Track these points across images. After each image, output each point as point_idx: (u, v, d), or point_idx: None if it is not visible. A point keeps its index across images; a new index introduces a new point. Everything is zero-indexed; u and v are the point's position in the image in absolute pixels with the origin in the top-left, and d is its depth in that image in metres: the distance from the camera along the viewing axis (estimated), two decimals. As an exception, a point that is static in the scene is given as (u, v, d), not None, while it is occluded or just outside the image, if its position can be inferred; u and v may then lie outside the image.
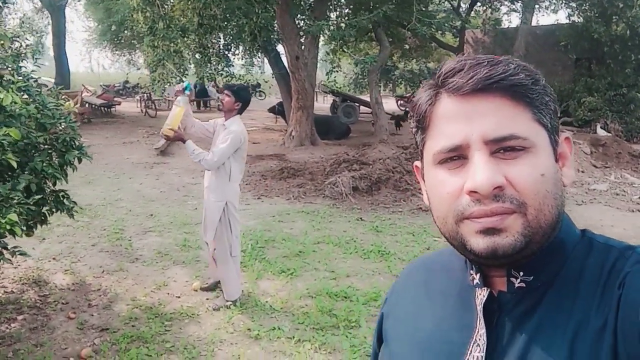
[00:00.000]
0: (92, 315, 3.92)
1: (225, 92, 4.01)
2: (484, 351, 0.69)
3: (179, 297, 4.26)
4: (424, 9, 12.90)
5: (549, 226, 0.67)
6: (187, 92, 3.89)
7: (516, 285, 0.70)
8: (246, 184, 8.36)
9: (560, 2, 16.33)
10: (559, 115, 0.73)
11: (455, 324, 0.75)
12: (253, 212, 6.85)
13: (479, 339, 0.71)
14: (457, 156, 0.68)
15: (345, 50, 13.10)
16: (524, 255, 0.67)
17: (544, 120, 0.69)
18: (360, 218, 6.65)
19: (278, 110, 15.90)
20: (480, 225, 0.65)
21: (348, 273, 4.77)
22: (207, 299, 4.23)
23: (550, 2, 16.77)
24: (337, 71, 12.82)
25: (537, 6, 15.92)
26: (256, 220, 6.45)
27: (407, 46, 21.62)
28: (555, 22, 18.98)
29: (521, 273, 0.70)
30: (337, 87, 15.33)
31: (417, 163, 0.80)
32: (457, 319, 0.75)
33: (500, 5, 17.34)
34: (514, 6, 16.90)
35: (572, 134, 10.98)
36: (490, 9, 16.80)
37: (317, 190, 8.04)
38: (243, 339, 3.61)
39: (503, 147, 0.66)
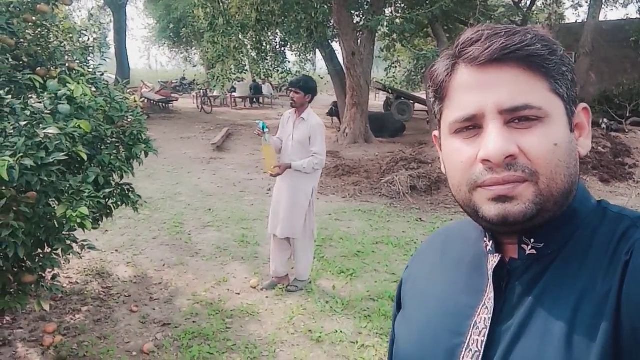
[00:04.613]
0: (154, 309, 3.92)
1: (293, 90, 4.16)
2: (491, 313, 0.70)
3: (238, 293, 4.21)
4: (483, 3, 12.49)
5: (561, 195, 0.67)
6: (265, 130, 4.08)
7: (527, 252, 0.71)
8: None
9: (632, -5, 15.47)
10: (576, 85, 0.72)
11: (466, 288, 0.76)
12: (309, 210, 6.75)
13: (488, 302, 0.72)
14: (472, 126, 0.69)
15: (404, 45, 12.80)
16: (536, 223, 0.68)
17: (560, 90, 0.68)
18: (420, 219, 6.44)
19: (334, 112, 15.11)
20: (492, 193, 0.66)
21: (410, 276, 4.59)
22: (267, 297, 4.15)
23: (619, -5, 15.93)
24: (396, 67, 12.54)
25: (605, 0, 15.10)
26: (313, 218, 6.35)
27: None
28: (625, 17, 17.97)
29: (532, 240, 0.71)
30: (395, 84, 15.00)
31: (436, 133, 0.80)
32: (469, 284, 0.76)
33: (568, -1, 16.56)
34: (578, 1, 16.13)
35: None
36: (555, 4, 16.07)
37: (374, 188, 7.88)
38: (305, 340, 3.50)
39: (517, 117, 0.66)
